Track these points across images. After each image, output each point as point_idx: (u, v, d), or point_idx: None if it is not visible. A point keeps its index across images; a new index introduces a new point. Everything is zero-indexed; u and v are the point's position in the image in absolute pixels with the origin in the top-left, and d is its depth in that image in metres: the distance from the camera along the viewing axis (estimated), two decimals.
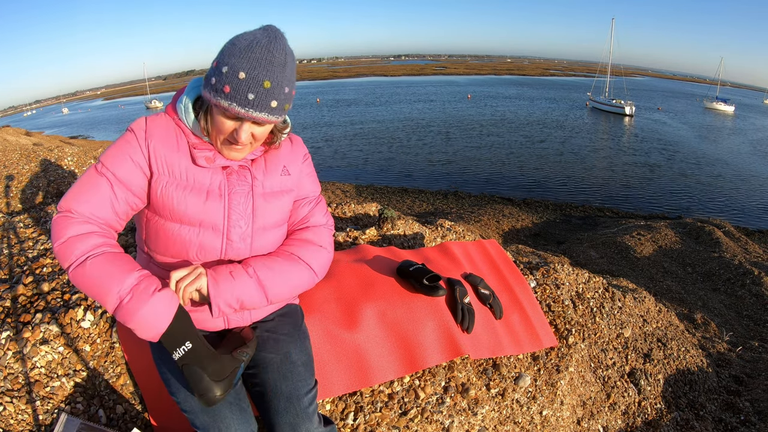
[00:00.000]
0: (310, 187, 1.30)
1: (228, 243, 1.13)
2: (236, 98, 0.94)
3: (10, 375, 1.33)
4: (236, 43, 0.95)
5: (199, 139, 1.09)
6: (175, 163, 1.07)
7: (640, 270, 7.40)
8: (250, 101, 0.95)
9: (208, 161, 1.08)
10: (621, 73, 51.18)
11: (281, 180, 1.20)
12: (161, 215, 1.09)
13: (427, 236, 2.87)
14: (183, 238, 1.10)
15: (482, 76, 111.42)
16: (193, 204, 1.08)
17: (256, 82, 0.94)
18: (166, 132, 1.08)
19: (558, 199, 16.06)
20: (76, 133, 39.73)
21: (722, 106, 48.59)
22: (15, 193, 3.50)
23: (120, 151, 1.05)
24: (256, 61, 0.93)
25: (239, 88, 0.94)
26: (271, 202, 1.17)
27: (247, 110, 0.96)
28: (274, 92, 0.96)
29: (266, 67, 0.94)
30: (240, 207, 1.12)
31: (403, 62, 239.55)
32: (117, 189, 1.04)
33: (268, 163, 1.18)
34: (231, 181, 1.12)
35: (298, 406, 1.14)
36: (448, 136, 27.51)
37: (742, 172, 21.19)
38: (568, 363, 2.00)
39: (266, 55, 0.94)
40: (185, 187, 1.08)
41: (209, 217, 1.10)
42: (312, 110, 43.45)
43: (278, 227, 1.22)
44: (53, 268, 1.72)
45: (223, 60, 0.95)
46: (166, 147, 1.07)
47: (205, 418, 1.07)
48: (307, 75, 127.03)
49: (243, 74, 0.93)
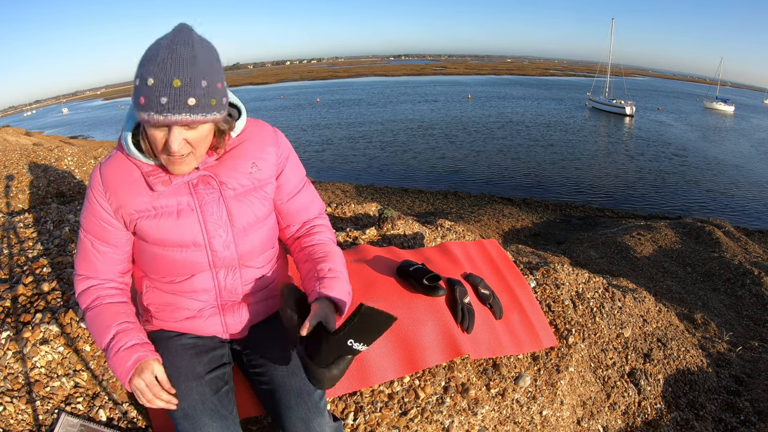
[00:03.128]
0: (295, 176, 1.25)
1: (213, 254, 1.13)
2: (151, 106, 0.90)
3: (10, 375, 1.33)
4: (144, 54, 0.92)
5: (153, 166, 1.07)
6: (138, 201, 1.07)
7: (640, 270, 7.40)
8: (164, 105, 0.90)
9: (165, 184, 1.06)
10: (621, 73, 51.16)
11: (252, 176, 1.15)
12: (145, 241, 1.12)
13: (427, 236, 2.87)
14: (168, 260, 1.12)
15: (482, 76, 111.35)
16: (167, 229, 1.09)
17: (165, 84, 0.89)
18: (120, 174, 1.08)
19: (558, 199, 16.06)
20: (76, 133, 39.71)
21: (722, 106, 48.56)
22: (15, 193, 3.50)
23: (88, 213, 1.12)
24: (162, 63, 0.89)
25: (151, 96, 0.90)
26: (245, 200, 1.14)
27: (165, 115, 0.91)
28: (187, 89, 0.90)
29: (173, 66, 0.89)
30: (214, 216, 1.11)
31: (403, 62, 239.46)
32: (99, 247, 1.14)
33: (233, 163, 1.13)
34: (199, 194, 1.09)
35: (309, 401, 1.14)
36: (449, 136, 27.51)
37: (742, 172, 21.19)
38: (568, 363, 2.00)
39: (170, 54, 0.89)
40: (155, 216, 1.08)
41: (188, 236, 1.10)
42: (312, 110, 43.45)
43: (260, 224, 1.19)
44: (53, 268, 1.72)
45: (136, 74, 0.92)
46: (123, 192, 1.07)
47: (185, 425, 1.06)
48: (307, 75, 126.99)
49: (151, 80, 0.89)
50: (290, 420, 1.12)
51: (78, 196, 3.56)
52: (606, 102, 41.12)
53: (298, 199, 1.27)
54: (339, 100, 52.82)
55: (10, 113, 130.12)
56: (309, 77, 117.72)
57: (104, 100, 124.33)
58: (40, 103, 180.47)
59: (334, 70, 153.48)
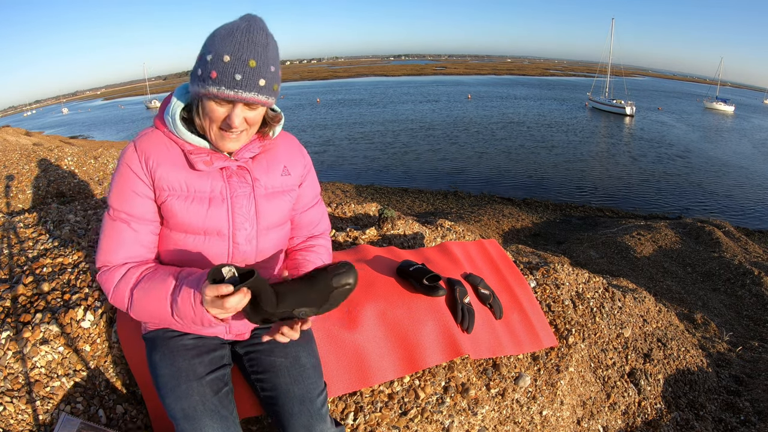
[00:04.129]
0: (312, 191, 1.32)
1: (234, 246, 1.13)
2: (224, 81, 0.95)
3: (10, 375, 1.33)
4: (216, 34, 0.97)
5: (194, 146, 1.09)
6: (173, 176, 1.07)
7: (640, 270, 7.40)
8: (239, 82, 0.95)
9: (207, 164, 1.07)
10: (621, 73, 51.17)
11: (282, 180, 1.20)
12: (166, 226, 1.12)
13: (427, 236, 2.87)
14: (189, 247, 1.11)
15: (482, 76, 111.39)
16: (196, 214, 1.09)
17: (242, 62, 0.94)
18: (159, 147, 1.08)
19: (558, 199, 16.06)
20: (76, 133, 39.70)
21: (722, 106, 48.57)
22: (15, 193, 3.50)
23: (123, 189, 1.07)
24: (239, 43, 0.94)
25: (226, 71, 0.94)
26: (273, 202, 1.18)
27: (237, 91, 0.96)
28: (260, 71, 0.96)
29: (249, 48, 0.95)
30: (243, 209, 1.13)
31: (403, 62, 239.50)
32: (136, 226, 1.08)
33: (267, 163, 1.18)
34: (232, 185, 1.12)
35: (312, 408, 1.14)
36: (449, 136, 27.50)
37: (742, 172, 21.19)
38: (568, 363, 2.00)
39: (248, 37, 0.95)
40: (186, 198, 1.08)
41: (214, 224, 1.10)
42: (312, 110, 43.44)
43: (281, 226, 1.23)
44: (53, 268, 1.72)
45: (206, 50, 0.97)
46: (162, 163, 1.07)
47: (185, 425, 1.06)
48: (307, 75, 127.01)
49: (228, 57, 0.94)
50: (293, 426, 1.13)
51: (78, 196, 3.56)
52: (606, 102, 41.12)
53: (309, 214, 1.32)
54: (339, 100, 52.83)
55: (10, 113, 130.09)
56: (309, 77, 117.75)
57: (104, 100, 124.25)
58: (40, 103, 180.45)
59: (334, 70, 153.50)
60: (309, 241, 1.34)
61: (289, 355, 1.21)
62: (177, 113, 1.07)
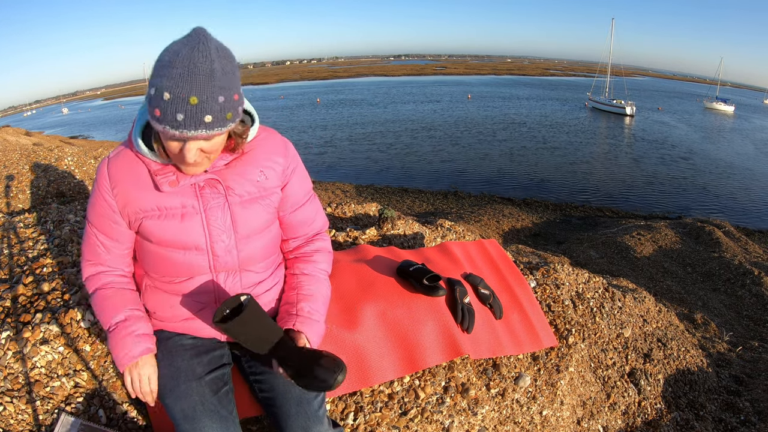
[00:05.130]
0: (301, 188, 1.26)
1: (215, 259, 1.13)
2: (167, 121, 0.89)
3: (10, 375, 1.33)
4: (161, 60, 0.89)
5: (161, 164, 1.07)
6: (143, 199, 1.08)
7: (640, 270, 7.40)
8: (181, 122, 0.88)
9: (172, 185, 1.06)
10: (621, 73, 51.17)
11: (258, 184, 1.15)
12: (147, 240, 1.13)
13: (427, 236, 2.87)
14: (170, 261, 1.12)
15: (483, 76, 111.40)
16: (171, 231, 1.09)
17: (182, 101, 0.87)
18: (128, 169, 1.08)
19: (558, 199, 16.06)
20: (76, 133, 39.69)
21: (722, 106, 48.58)
22: (15, 193, 3.50)
23: (95, 207, 1.13)
24: (179, 77, 0.86)
25: (167, 110, 0.88)
26: (250, 208, 1.14)
27: (181, 131, 0.90)
28: (204, 107, 0.88)
29: (190, 82, 0.86)
30: (218, 221, 1.11)
31: (403, 62, 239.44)
32: (104, 240, 1.16)
33: (241, 169, 1.12)
34: (204, 197, 1.10)
35: (309, 409, 1.14)
36: (449, 136, 27.50)
37: (742, 172, 21.19)
38: (568, 363, 2.00)
39: (188, 67, 0.85)
40: (159, 217, 1.09)
41: (190, 239, 1.10)
42: (312, 110, 43.43)
43: (264, 231, 1.19)
44: (53, 268, 1.72)
45: (152, 80, 0.90)
46: (130, 188, 1.08)
47: (185, 425, 1.06)
48: (307, 75, 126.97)
49: (168, 94, 0.87)
50: (290, 428, 1.13)
51: (78, 196, 3.57)
52: (606, 102, 41.12)
53: (302, 212, 1.28)
54: (339, 100, 52.83)
55: (10, 113, 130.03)
56: (309, 77, 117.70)
57: (104, 100, 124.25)
58: (40, 103, 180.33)
59: (334, 70, 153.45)
60: (307, 246, 1.31)
61: None
62: (138, 137, 1.06)
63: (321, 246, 1.33)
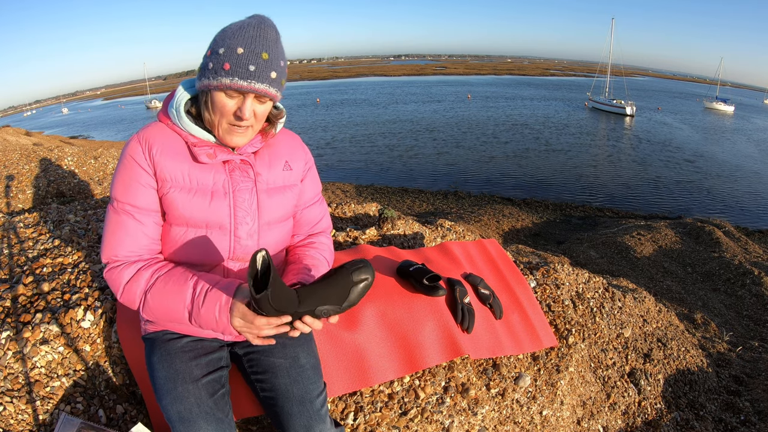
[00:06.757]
0: (313, 189, 1.32)
1: (236, 240, 1.13)
2: (238, 72, 0.97)
3: (10, 375, 1.33)
4: (227, 29, 1.00)
5: (197, 138, 1.10)
6: (176, 167, 1.08)
7: (640, 270, 7.40)
8: (252, 72, 0.98)
9: (210, 157, 1.08)
10: (621, 73, 51.18)
11: (284, 175, 1.21)
12: (167, 221, 1.11)
13: (427, 236, 2.87)
14: (189, 241, 1.11)
15: (483, 76, 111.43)
16: (198, 206, 1.09)
17: (255, 55, 0.97)
18: (162, 138, 1.09)
19: (558, 199, 16.06)
20: (76, 133, 39.70)
21: (722, 106, 48.58)
22: (15, 193, 3.50)
23: (127, 181, 1.07)
24: (252, 38, 0.98)
25: (239, 62, 0.97)
26: (275, 197, 1.18)
27: (250, 82, 0.98)
28: (272, 63, 1.00)
29: (262, 42, 0.98)
30: (245, 204, 1.13)
31: (403, 62, 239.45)
32: (141, 217, 1.08)
33: (269, 158, 1.18)
34: (234, 178, 1.12)
35: (311, 408, 1.14)
36: (449, 136, 27.50)
37: (742, 172, 21.19)
38: (568, 363, 2.00)
39: (259, 32, 0.99)
40: (189, 190, 1.08)
41: (216, 217, 1.10)
42: (312, 110, 43.43)
43: (283, 222, 1.23)
44: (53, 268, 1.72)
45: (218, 44, 0.99)
46: (165, 153, 1.07)
47: (180, 428, 1.06)
48: (307, 75, 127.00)
49: (241, 49, 0.97)
50: (292, 427, 1.13)
51: (78, 196, 3.57)
52: (606, 102, 41.11)
53: (310, 211, 1.32)
54: (339, 101, 52.83)
55: (10, 113, 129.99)
56: (309, 77, 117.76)
57: (104, 100, 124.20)
58: (40, 103, 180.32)
59: (334, 70, 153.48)
60: (309, 239, 1.33)
61: (288, 355, 1.20)
62: (182, 105, 1.08)
63: (323, 240, 1.35)
